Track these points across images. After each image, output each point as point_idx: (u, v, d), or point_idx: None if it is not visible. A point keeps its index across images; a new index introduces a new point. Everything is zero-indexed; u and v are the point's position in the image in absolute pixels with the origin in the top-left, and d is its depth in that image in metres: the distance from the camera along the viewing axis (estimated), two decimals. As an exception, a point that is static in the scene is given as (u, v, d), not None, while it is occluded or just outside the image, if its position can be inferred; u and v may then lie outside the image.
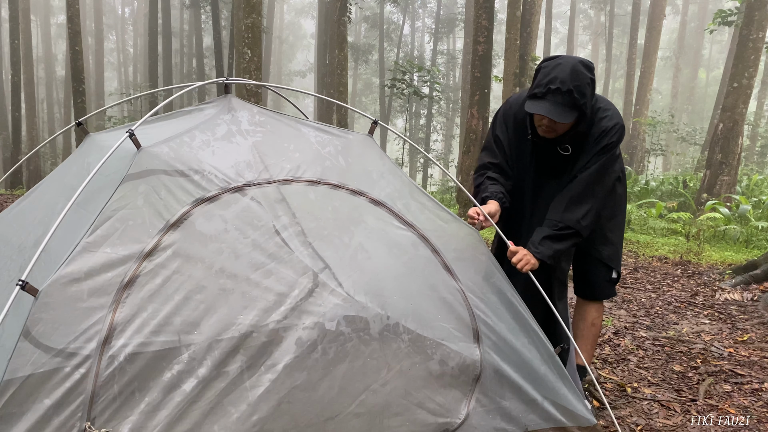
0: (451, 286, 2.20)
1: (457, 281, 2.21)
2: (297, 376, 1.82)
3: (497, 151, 2.60)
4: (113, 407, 1.66)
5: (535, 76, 2.31)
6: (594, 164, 2.37)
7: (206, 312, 1.78)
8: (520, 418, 2.23)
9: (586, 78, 2.21)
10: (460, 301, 2.20)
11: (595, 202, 2.41)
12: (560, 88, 2.16)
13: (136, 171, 1.86)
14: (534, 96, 2.25)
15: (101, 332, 1.67)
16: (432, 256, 2.20)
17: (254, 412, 1.77)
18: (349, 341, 1.90)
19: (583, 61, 2.24)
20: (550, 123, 2.28)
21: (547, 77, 2.21)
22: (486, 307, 2.25)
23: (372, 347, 1.95)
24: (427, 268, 2.18)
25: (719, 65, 34.24)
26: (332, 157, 2.22)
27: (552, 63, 2.24)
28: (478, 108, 11.12)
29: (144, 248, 1.77)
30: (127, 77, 39.56)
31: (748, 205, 9.32)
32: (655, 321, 4.51)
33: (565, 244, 2.41)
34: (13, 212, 2.43)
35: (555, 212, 2.42)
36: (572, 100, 2.18)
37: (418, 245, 2.19)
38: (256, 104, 2.36)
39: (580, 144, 2.39)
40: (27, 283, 1.60)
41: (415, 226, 2.21)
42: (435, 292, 2.16)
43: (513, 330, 2.27)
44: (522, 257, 2.32)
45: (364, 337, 1.93)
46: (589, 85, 2.22)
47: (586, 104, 2.23)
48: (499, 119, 2.61)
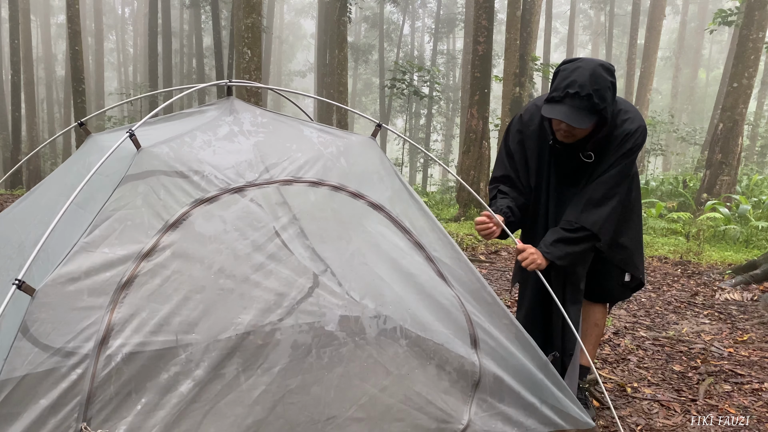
0: (447, 292, 2.19)
1: (452, 288, 2.21)
2: (292, 379, 1.82)
3: (508, 164, 2.54)
4: (110, 408, 1.66)
5: (553, 80, 2.22)
6: (616, 167, 2.28)
7: (205, 312, 1.77)
8: (521, 422, 2.23)
9: (606, 81, 2.12)
10: (456, 306, 2.19)
11: (617, 205, 2.32)
12: (579, 92, 2.09)
13: (135, 171, 1.86)
14: (552, 100, 2.17)
15: (98, 332, 1.67)
16: (426, 263, 2.20)
17: (249, 415, 1.77)
18: (344, 345, 1.90)
19: (604, 64, 2.15)
20: (568, 128, 2.21)
21: (565, 81, 2.13)
22: (481, 313, 2.24)
23: (368, 351, 1.95)
24: (424, 273, 2.18)
25: (719, 65, 34.25)
26: (334, 158, 2.21)
27: (571, 66, 2.16)
28: (478, 108, 11.12)
29: (142, 248, 1.76)
30: (127, 77, 39.58)
31: (748, 205, 9.32)
32: (655, 321, 4.51)
33: (579, 246, 2.32)
34: (13, 211, 2.43)
35: (571, 213, 2.34)
36: (591, 104, 2.10)
37: (414, 252, 2.19)
38: (257, 105, 2.36)
39: (603, 149, 2.30)
40: (23, 283, 1.60)
41: (411, 232, 2.21)
42: (432, 298, 2.16)
43: (508, 336, 2.27)
44: (527, 255, 2.27)
45: (360, 342, 1.93)
46: (609, 89, 2.14)
47: (606, 109, 2.15)
48: (513, 131, 2.54)
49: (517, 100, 13.28)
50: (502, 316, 2.28)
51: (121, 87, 36.15)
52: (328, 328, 1.88)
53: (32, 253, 1.62)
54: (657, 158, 23.99)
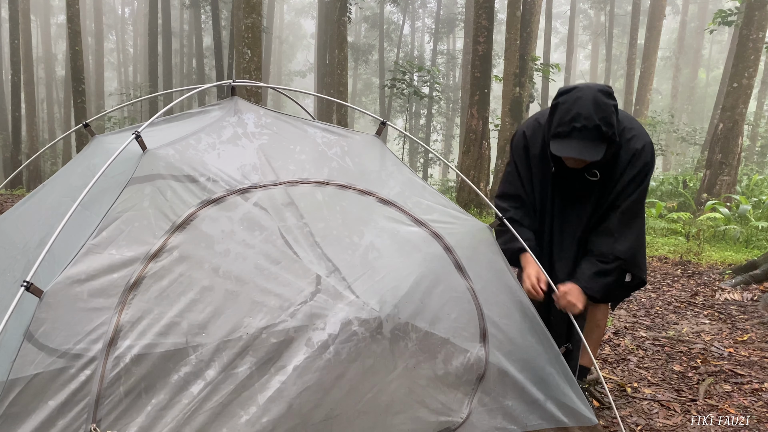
0: (461, 285, 2.19)
1: (467, 280, 2.20)
2: (308, 377, 1.80)
3: (519, 183, 2.53)
4: (119, 409, 1.67)
5: (552, 113, 2.19)
6: (635, 191, 2.30)
7: (213, 314, 1.77)
8: (522, 418, 2.24)
9: (609, 107, 2.09)
10: (469, 299, 2.19)
11: (642, 227, 2.36)
12: (586, 126, 2.05)
13: (141, 173, 1.87)
14: (558, 135, 2.13)
15: (107, 333, 1.67)
16: (444, 253, 2.18)
17: (264, 415, 1.75)
18: (362, 341, 1.88)
19: (603, 88, 2.13)
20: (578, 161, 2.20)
21: (569, 114, 2.09)
22: (495, 306, 2.24)
23: (383, 346, 1.93)
24: (439, 266, 2.16)
25: (719, 65, 34.22)
26: (339, 158, 2.21)
27: (570, 97, 2.12)
28: (478, 108, 11.13)
29: (150, 250, 1.77)
30: (127, 77, 39.55)
31: (748, 205, 9.32)
32: (655, 321, 4.52)
33: (614, 276, 2.37)
34: (17, 212, 2.44)
35: (604, 245, 2.35)
36: (600, 134, 2.07)
37: (431, 243, 2.17)
38: (260, 105, 2.36)
39: (609, 167, 2.31)
40: (32, 284, 1.60)
41: (428, 223, 2.19)
42: (445, 291, 2.15)
43: (521, 330, 2.27)
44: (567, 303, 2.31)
45: (377, 337, 1.91)
46: (614, 113, 2.12)
47: (615, 134, 2.14)
48: (519, 147, 2.52)
49: (517, 100, 13.28)
50: (520, 307, 2.28)
51: (121, 87, 36.10)
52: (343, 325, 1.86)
53: (40, 255, 1.62)
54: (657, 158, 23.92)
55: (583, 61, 47.76)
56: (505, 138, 13.43)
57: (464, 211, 2.34)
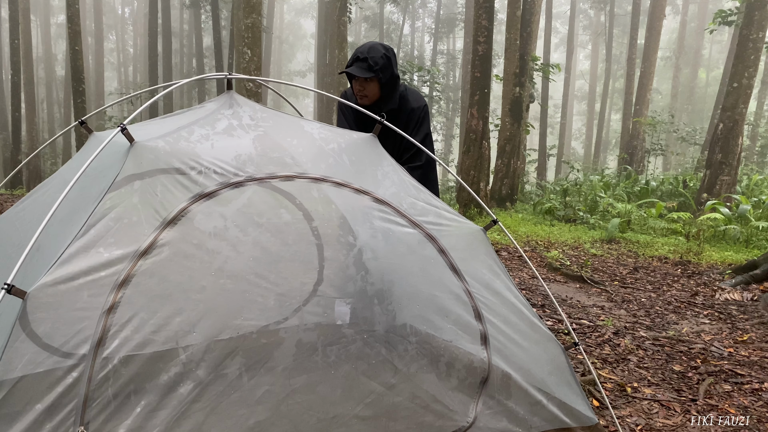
0: (457, 287, 2.17)
1: (463, 282, 2.18)
2: (297, 378, 1.78)
3: None
4: (108, 411, 1.64)
5: None
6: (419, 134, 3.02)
7: (204, 312, 1.74)
8: (526, 420, 2.21)
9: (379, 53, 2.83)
10: (466, 301, 2.17)
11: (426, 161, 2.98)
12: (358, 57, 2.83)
13: (130, 166, 1.82)
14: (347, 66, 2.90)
15: (95, 334, 1.64)
16: (438, 256, 2.17)
17: (253, 415, 1.73)
18: (352, 343, 1.86)
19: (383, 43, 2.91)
20: (360, 88, 2.83)
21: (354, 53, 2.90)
22: (493, 307, 2.22)
23: (377, 349, 1.91)
24: (434, 268, 2.15)
25: (719, 65, 34.22)
26: (336, 155, 2.18)
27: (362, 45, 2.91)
28: (478, 108, 11.11)
29: (139, 247, 1.73)
30: (127, 77, 39.55)
31: (748, 205, 9.30)
32: (655, 321, 4.50)
33: None
34: (16, 210, 2.42)
35: None
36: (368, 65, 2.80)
37: (425, 245, 2.16)
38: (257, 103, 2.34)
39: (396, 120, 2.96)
40: (13, 287, 1.54)
41: (422, 225, 2.18)
42: (442, 293, 2.13)
43: (520, 331, 2.25)
44: None
45: (369, 339, 1.89)
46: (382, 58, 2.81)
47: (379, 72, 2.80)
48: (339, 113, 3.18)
49: (517, 100, 13.26)
50: (515, 309, 2.26)
51: (121, 87, 36.12)
52: (335, 325, 1.85)
53: (30, 254, 1.59)
54: (657, 158, 23.96)
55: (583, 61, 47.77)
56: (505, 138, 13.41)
57: (459, 214, 2.32)
